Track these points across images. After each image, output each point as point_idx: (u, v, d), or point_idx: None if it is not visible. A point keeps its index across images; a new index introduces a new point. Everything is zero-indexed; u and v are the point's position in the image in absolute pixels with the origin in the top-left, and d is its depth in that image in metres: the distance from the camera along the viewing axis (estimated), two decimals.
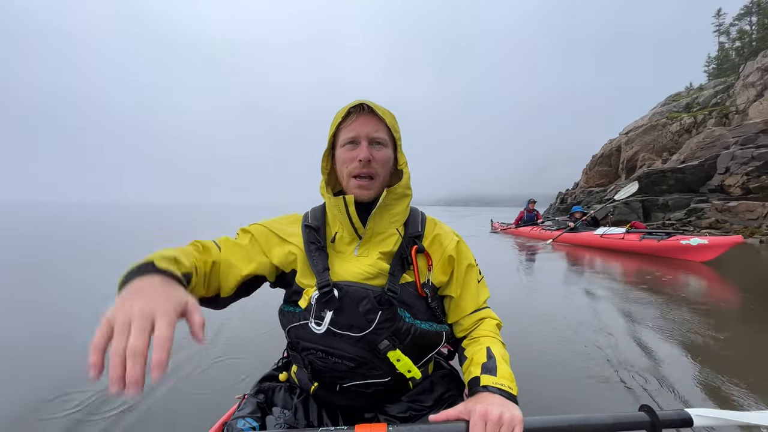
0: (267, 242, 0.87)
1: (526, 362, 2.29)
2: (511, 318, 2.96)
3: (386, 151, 0.83)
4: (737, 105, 20.53)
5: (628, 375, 2.12)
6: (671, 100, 27.92)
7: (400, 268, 0.83)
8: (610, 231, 7.85)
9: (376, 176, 0.82)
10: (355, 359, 0.78)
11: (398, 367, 0.78)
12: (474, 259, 0.94)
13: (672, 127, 22.81)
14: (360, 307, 0.77)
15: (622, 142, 25.18)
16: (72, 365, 2.14)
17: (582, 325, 3.03)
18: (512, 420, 0.61)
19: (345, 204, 0.81)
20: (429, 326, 0.83)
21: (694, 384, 2.03)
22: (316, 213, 0.91)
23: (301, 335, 0.81)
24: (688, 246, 6.16)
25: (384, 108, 0.83)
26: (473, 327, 0.88)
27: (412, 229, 0.88)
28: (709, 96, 24.11)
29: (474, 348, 0.82)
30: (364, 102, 0.80)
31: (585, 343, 2.64)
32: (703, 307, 3.53)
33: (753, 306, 3.64)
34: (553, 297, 4.16)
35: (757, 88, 19.50)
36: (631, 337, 2.75)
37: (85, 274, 5.33)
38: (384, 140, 0.83)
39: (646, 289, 4.37)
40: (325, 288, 0.77)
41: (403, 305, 0.81)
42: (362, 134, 0.80)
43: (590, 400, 1.90)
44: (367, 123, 0.81)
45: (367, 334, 0.76)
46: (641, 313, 3.37)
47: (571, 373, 2.17)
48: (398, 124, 0.86)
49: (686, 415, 0.67)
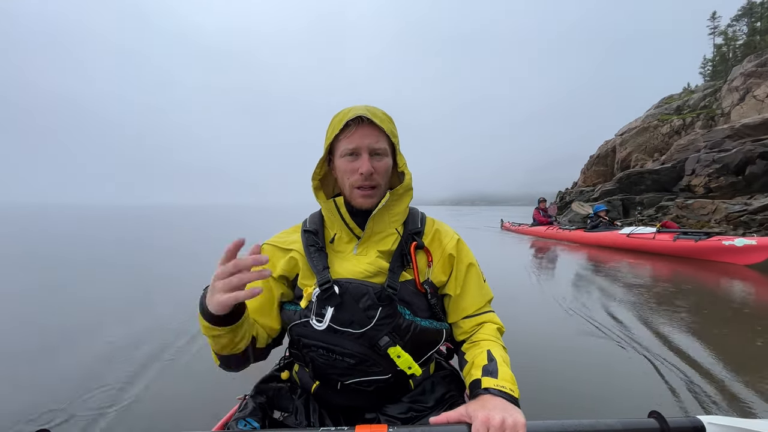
0: (272, 258, 0.89)
1: (548, 373, 2.18)
2: (524, 324, 2.98)
3: (387, 160, 0.84)
4: (723, 108, 21.82)
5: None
6: (664, 102, 29.18)
7: (400, 265, 0.84)
8: (639, 231, 7.37)
9: (378, 186, 0.83)
10: (356, 356, 0.79)
11: (399, 363, 0.79)
12: (475, 259, 0.93)
13: (663, 129, 24.17)
14: (360, 304, 0.78)
15: (616, 143, 26.53)
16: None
17: (612, 334, 2.77)
18: (515, 425, 0.60)
19: (337, 207, 0.84)
20: (429, 323, 0.84)
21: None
22: (314, 217, 0.93)
23: (303, 333, 0.82)
24: (732, 247, 5.71)
25: (382, 113, 0.82)
26: (473, 331, 0.87)
27: (412, 226, 0.89)
28: (698, 99, 25.39)
29: (474, 351, 0.81)
30: (362, 113, 0.78)
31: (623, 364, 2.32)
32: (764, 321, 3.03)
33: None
34: (573, 302, 3.77)
35: (741, 92, 20.74)
36: (685, 360, 2.32)
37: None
38: (384, 150, 0.83)
39: (684, 293, 3.99)
40: (325, 285, 0.78)
41: (403, 303, 0.82)
42: (363, 146, 0.80)
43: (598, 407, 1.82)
44: (367, 134, 0.80)
45: (367, 331, 0.77)
46: (684, 323, 3.00)
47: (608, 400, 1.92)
48: (395, 125, 0.86)
49: (698, 422, 0.64)
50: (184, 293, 4.18)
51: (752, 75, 20.05)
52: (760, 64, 20.03)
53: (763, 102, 18.47)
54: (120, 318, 3.34)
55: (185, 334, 2.81)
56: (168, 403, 1.81)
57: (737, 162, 12.52)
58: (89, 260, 6.89)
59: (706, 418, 0.65)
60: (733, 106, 20.69)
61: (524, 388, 0.83)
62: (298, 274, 0.87)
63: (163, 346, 2.58)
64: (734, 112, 20.01)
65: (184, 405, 1.80)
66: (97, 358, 2.38)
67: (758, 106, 18.52)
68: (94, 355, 2.45)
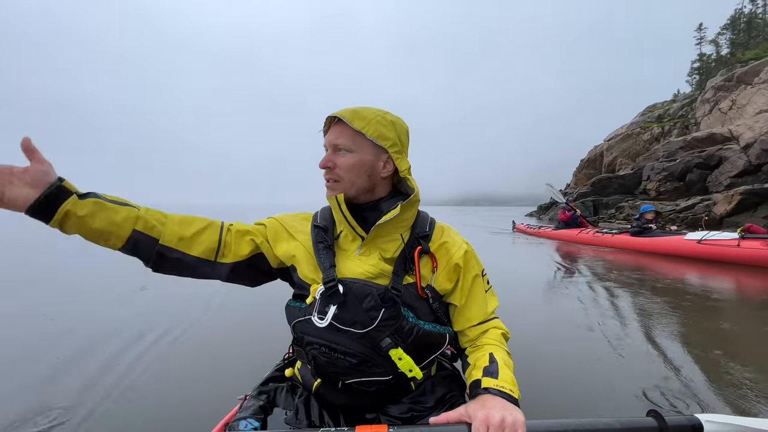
0: (276, 235, 0.91)
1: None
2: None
3: (351, 156, 0.83)
4: (696, 118, 24.18)
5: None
6: (648, 110, 31.51)
7: (403, 268, 0.84)
8: (714, 236, 6.15)
9: (340, 179, 0.85)
10: (357, 355, 0.79)
11: (400, 366, 0.79)
12: (482, 269, 0.94)
13: (644, 135, 26.50)
14: (363, 304, 0.79)
15: (604, 148, 29.02)
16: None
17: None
18: (514, 423, 0.62)
19: (338, 204, 0.85)
20: (432, 327, 0.84)
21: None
22: (325, 213, 0.94)
23: (306, 330, 0.83)
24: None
25: (374, 116, 0.83)
26: (478, 337, 0.88)
27: (419, 230, 0.89)
28: (678, 108, 27.74)
29: (477, 354, 0.83)
30: (337, 114, 0.83)
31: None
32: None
33: None
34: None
35: (710, 104, 23.07)
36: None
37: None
38: (347, 146, 0.83)
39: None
40: (330, 283, 0.79)
41: (407, 306, 0.82)
42: (327, 142, 0.85)
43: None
44: (332, 131, 0.85)
45: (369, 331, 0.78)
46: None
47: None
48: (395, 130, 0.85)
49: (696, 421, 0.65)
50: (185, 293, 3.92)
51: (720, 89, 22.30)
52: (727, 79, 22.25)
53: (726, 114, 20.83)
54: (117, 317, 3.20)
55: (183, 335, 2.73)
56: (169, 403, 1.81)
57: (680, 170, 15.31)
58: (89, 261, 6.60)
59: (704, 416, 0.66)
60: (703, 116, 23.05)
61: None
62: (293, 266, 0.89)
63: (163, 345, 2.52)
64: (703, 123, 22.39)
65: (185, 405, 1.79)
66: (91, 357, 2.31)
67: (722, 118, 20.88)
68: (86, 353, 2.37)
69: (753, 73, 20.27)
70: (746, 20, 33.90)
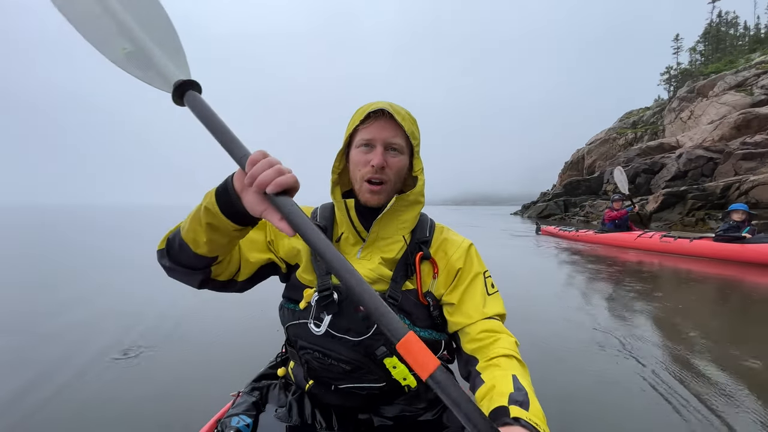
0: (277, 235, 0.90)
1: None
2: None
3: (401, 158, 0.83)
4: (664, 125, 26.71)
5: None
6: (626, 116, 34.06)
7: (404, 274, 0.83)
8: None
9: (387, 182, 0.82)
10: (351, 363, 0.78)
11: (394, 374, 0.78)
12: (485, 269, 0.89)
13: (620, 140, 29.14)
14: (359, 312, 0.78)
15: (585, 151, 31.61)
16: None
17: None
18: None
19: (347, 208, 0.83)
20: (428, 334, 0.83)
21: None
22: (325, 212, 0.92)
23: (300, 334, 0.82)
24: None
25: (406, 112, 0.82)
26: (485, 339, 0.79)
27: (420, 235, 0.88)
28: (650, 116, 30.37)
29: (495, 373, 0.72)
30: (384, 107, 0.78)
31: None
32: None
33: None
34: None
35: (676, 112, 25.66)
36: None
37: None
38: (400, 147, 0.81)
39: None
40: (325, 291, 0.78)
41: (403, 312, 0.81)
42: (379, 138, 0.80)
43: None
44: (385, 128, 0.80)
45: (364, 340, 0.77)
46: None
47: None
48: (418, 128, 0.85)
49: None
50: (176, 290, 3.75)
51: (684, 99, 24.72)
52: (689, 90, 24.66)
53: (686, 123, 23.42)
54: (110, 315, 3.21)
55: (180, 333, 2.75)
56: (162, 399, 1.81)
57: (631, 174, 18.07)
58: (86, 260, 6.78)
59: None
60: (669, 124, 25.60)
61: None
62: (297, 264, 0.87)
63: (155, 342, 2.52)
64: (667, 130, 24.99)
65: (177, 401, 1.79)
66: (80, 354, 2.33)
67: (682, 126, 23.48)
68: (76, 351, 2.39)
69: (709, 86, 22.80)
70: (714, 34, 36.48)
